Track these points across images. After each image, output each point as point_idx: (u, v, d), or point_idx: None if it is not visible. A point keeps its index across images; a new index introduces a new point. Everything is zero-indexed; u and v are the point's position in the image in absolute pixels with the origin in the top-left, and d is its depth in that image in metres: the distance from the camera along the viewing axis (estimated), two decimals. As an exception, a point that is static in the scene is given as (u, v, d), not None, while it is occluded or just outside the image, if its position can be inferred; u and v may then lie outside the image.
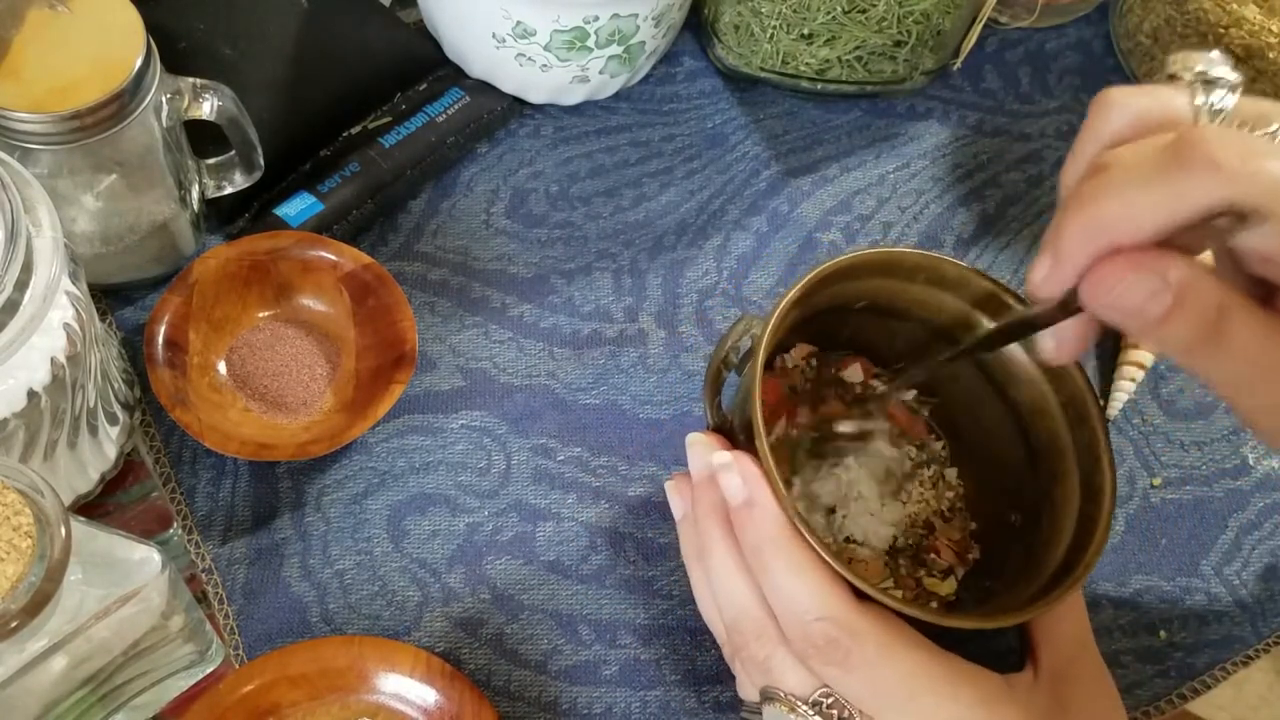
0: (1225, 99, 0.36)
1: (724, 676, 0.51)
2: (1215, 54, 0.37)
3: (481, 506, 0.54)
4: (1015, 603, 0.44)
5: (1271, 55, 0.64)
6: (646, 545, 0.54)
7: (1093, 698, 0.42)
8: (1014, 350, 0.49)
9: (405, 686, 0.47)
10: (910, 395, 0.54)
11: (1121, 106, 0.36)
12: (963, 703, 0.38)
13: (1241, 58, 0.65)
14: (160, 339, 0.52)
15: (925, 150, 0.68)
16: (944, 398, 0.53)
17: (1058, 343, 0.39)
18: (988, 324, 0.49)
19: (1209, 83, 0.36)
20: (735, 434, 0.45)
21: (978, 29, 0.66)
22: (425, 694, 0.47)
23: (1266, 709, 0.55)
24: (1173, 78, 0.37)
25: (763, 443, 0.41)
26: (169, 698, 0.47)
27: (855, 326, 0.52)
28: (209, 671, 0.48)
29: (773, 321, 0.43)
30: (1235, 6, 0.65)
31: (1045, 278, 0.35)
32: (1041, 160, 0.69)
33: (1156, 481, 0.58)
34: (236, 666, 0.49)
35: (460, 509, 0.54)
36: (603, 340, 0.59)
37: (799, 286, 0.44)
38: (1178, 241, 0.33)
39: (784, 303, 0.44)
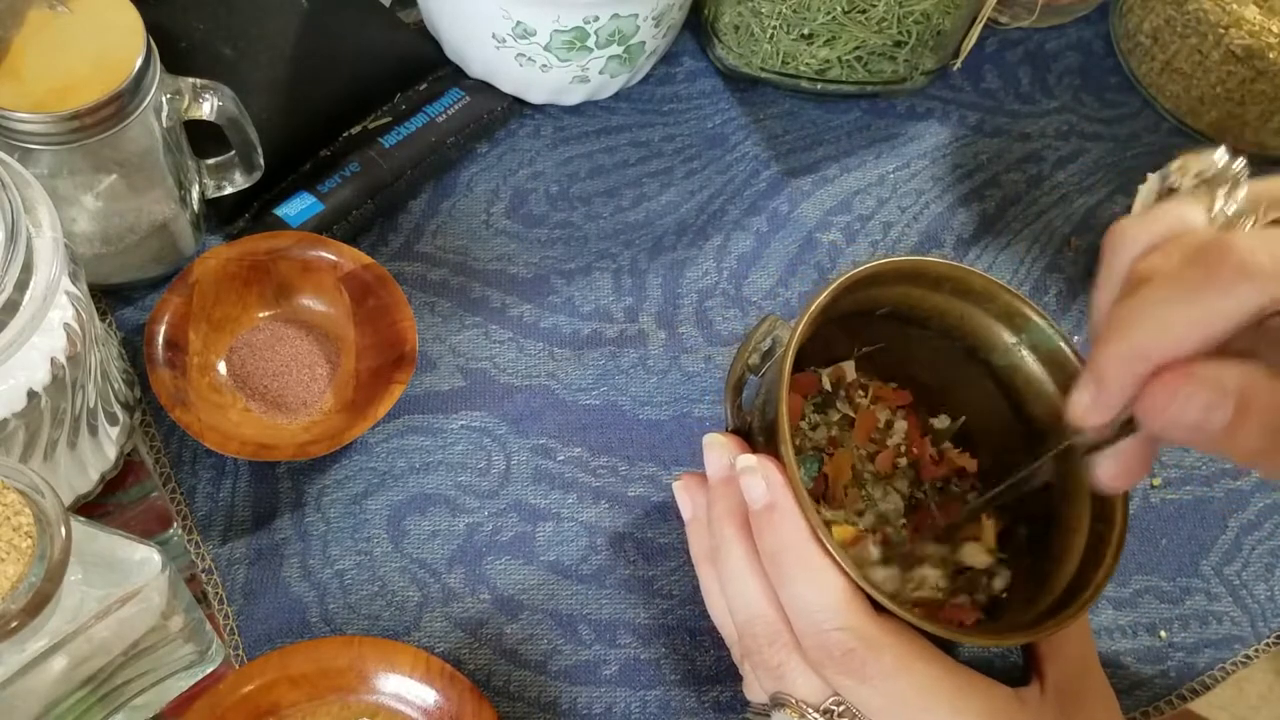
0: (1235, 195, 0.34)
1: (724, 677, 0.51)
2: (1214, 153, 0.35)
3: (481, 507, 0.54)
4: (1025, 619, 0.44)
5: (1271, 55, 0.64)
6: (646, 545, 0.54)
7: (1098, 716, 0.42)
8: (1030, 365, 0.48)
9: (405, 687, 0.47)
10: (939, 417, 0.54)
11: (1134, 240, 0.34)
12: (974, 715, 0.38)
13: (1241, 58, 0.65)
14: (160, 339, 0.52)
15: (925, 150, 0.68)
16: (966, 419, 0.53)
17: (1119, 468, 0.37)
18: (1009, 338, 0.48)
19: (1211, 181, 0.34)
20: (754, 437, 0.45)
21: (978, 29, 0.66)
22: (425, 694, 0.47)
23: (1267, 709, 0.55)
24: (1172, 190, 0.35)
25: (788, 448, 0.41)
26: (169, 698, 0.47)
27: (873, 333, 0.52)
28: (209, 671, 0.48)
29: (802, 325, 0.43)
30: (1235, 6, 0.65)
31: (1089, 407, 0.34)
32: (1041, 160, 0.69)
33: (1156, 482, 0.58)
34: (236, 666, 0.49)
35: (460, 509, 0.54)
36: (603, 341, 0.59)
37: (829, 291, 0.44)
38: (1235, 348, 0.31)
39: (814, 306, 0.43)
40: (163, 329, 0.52)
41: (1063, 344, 0.47)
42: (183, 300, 0.53)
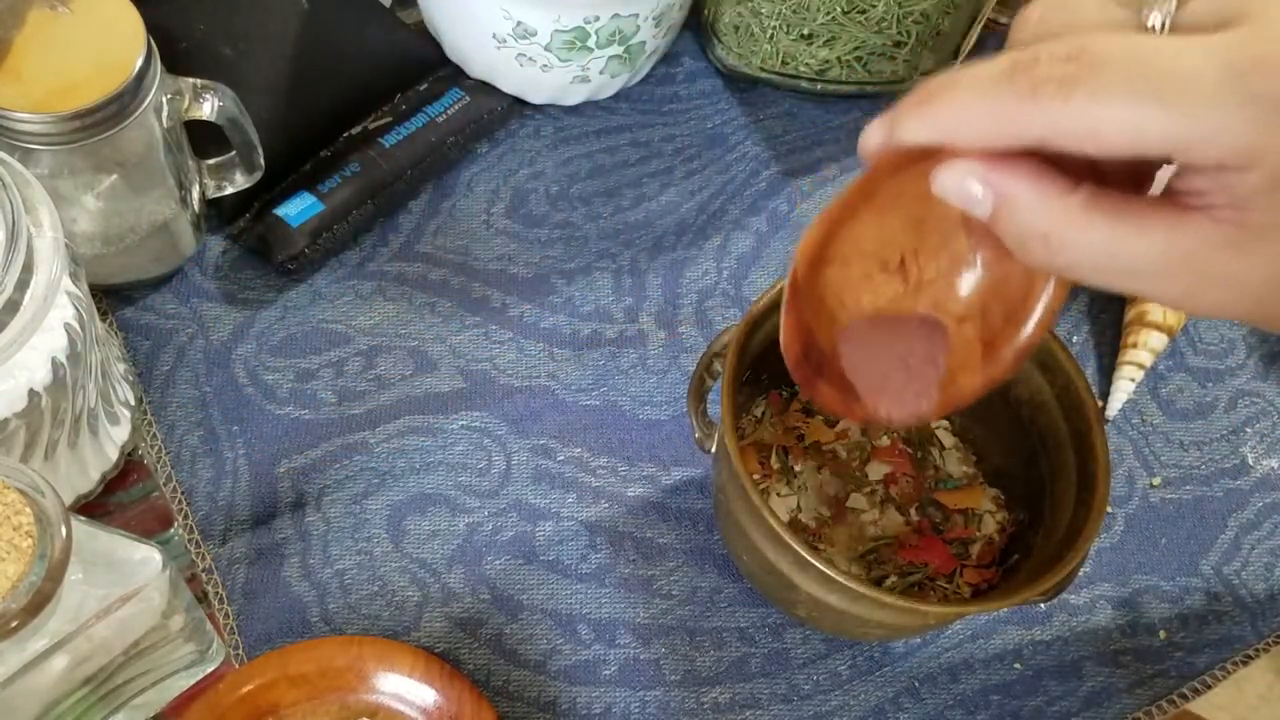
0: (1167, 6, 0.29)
1: (723, 677, 0.51)
2: None
3: (481, 506, 0.54)
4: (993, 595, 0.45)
5: (1271, 55, 0.64)
6: (646, 545, 0.54)
7: None
8: None
9: (404, 686, 0.47)
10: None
11: (1027, 23, 0.31)
12: None
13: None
14: None
15: (925, 150, 0.68)
16: (961, 413, 0.54)
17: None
18: None
19: None
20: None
21: (977, 29, 0.66)
22: (424, 694, 0.47)
23: (1266, 709, 0.55)
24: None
25: (733, 442, 0.43)
26: (169, 697, 0.47)
27: None
28: (209, 671, 0.48)
29: (738, 329, 0.45)
30: (1235, 7, 0.65)
31: (873, 147, 0.33)
32: (1041, 160, 0.69)
33: (1156, 481, 0.58)
34: (236, 666, 0.49)
35: (460, 509, 0.54)
36: (602, 341, 0.59)
37: (767, 294, 0.46)
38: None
39: (751, 315, 0.45)
40: None
41: None
42: None
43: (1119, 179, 0.30)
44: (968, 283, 0.34)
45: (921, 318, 0.35)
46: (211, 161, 0.56)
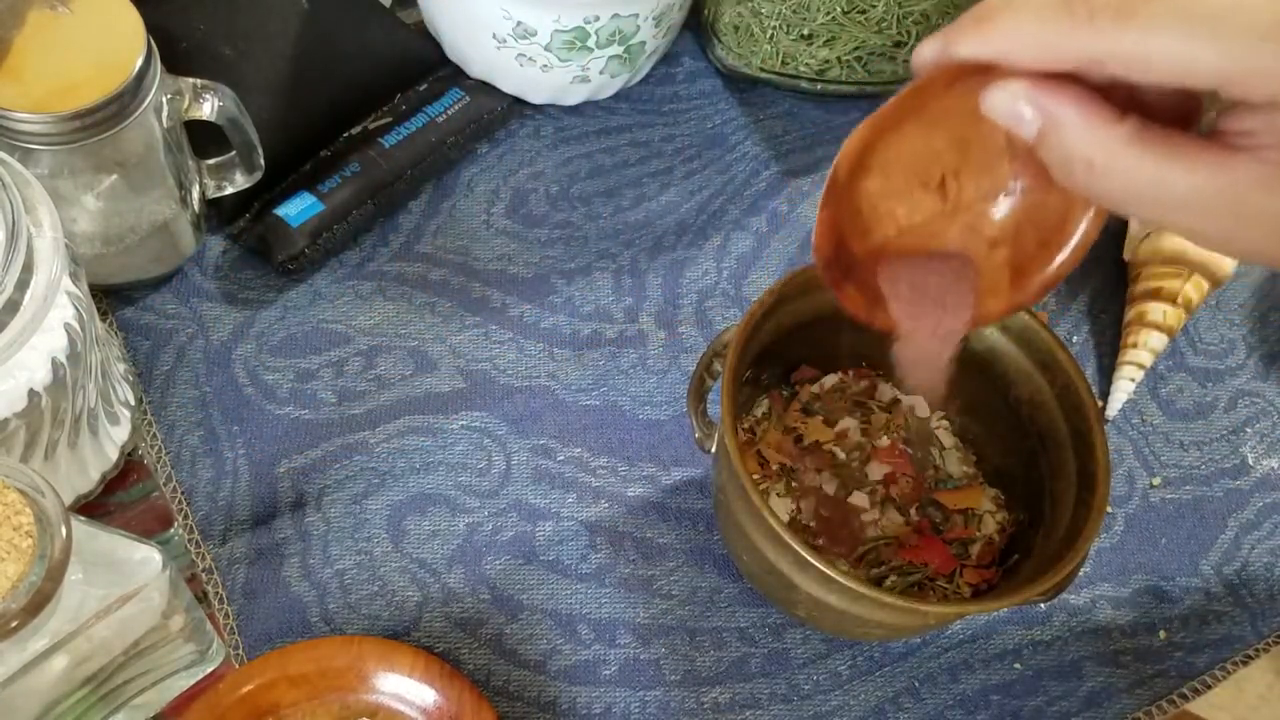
0: None
1: (723, 677, 0.51)
2: None
3: (481, 506, 0.54)
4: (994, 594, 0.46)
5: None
6: (646, 545, 0.54)
7: None
8: (1009, 349, 0.49)
9: (404, 686, 0.47)
10: (936, 415, 0.55)
11: None
12: None
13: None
14: None
15: (925, 150, 0.68)
16: (961, 412, 0.54)
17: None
18: None
19: None
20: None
21: (978, 29, 0.66)
22: (424, 694, 0.47)
23: (1266, 709, 0.55)
24: None
25: (733, 442, 0.42)
26: (169, 697, 0.47)
27: (852, 334, 0.52)
28: (209, 671, 0.48)
29: (738, 329, 0.45)
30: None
31: (927, 59, 0.33)
32: (1041, 160, 0.69)
33: (1156, 481, 0.58)
34: (236, 666, 0.49)
35: (460, 509, 0.54)
36: (602, 341, 0.59)
37: (767, 295, 0.46)
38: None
39: (751, 315, 0.45)
40: None
41: (1029, 318, 0.48)
42: None
43: (1164, 117, 0.30)
44: (1005, 206, 0.34)
45: (956, 250, 0.35)
46: (211, 161, 0.56)
